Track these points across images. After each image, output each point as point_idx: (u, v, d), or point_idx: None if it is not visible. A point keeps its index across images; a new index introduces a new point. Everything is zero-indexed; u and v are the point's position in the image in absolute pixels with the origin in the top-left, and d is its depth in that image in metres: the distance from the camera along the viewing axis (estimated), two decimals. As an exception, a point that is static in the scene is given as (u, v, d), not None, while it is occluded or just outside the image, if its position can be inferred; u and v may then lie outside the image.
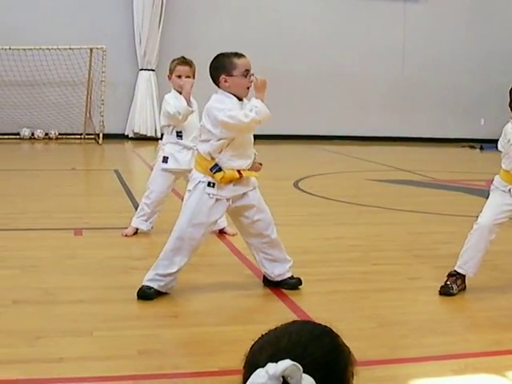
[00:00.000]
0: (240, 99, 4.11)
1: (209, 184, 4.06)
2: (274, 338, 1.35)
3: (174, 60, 5.63)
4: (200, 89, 5.77)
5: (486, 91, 17.41)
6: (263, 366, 1.26)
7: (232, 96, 4.08)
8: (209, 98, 4.16)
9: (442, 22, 17.00)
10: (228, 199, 4.10)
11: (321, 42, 16.16)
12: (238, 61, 4.06)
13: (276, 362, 1.25)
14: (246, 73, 4.04)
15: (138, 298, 4.06)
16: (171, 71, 5.58)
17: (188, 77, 5.53)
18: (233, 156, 4.05)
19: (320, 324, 1.41)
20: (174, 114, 5.38)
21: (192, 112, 5.45)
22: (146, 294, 4.07)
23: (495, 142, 4.44)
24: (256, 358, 1.31)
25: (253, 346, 1.36)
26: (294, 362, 1.25)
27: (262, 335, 1.38)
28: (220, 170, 4.02)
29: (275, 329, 1.38)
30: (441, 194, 8.90)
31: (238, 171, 4.07)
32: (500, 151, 4.41)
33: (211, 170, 4.03)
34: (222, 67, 4.07)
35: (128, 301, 4.04)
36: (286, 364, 1.24)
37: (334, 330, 1.39)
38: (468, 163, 13.42)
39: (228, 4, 15.54)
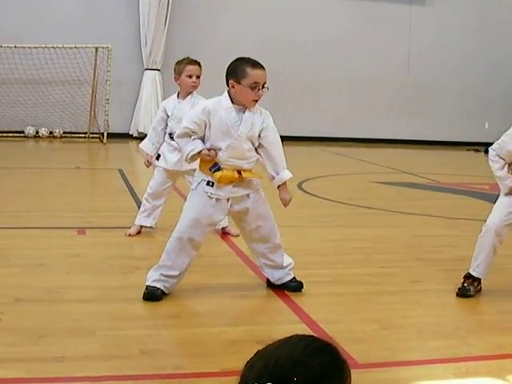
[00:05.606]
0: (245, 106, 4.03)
1: (208, 183, 4.05)
2: (265, 358, 1.37)
3: (180, 61, 5.60)
4: (205, 89, 5.78)
5: (491, 95, 17.41)
6: None
7: (228, 100, 3.99)
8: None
9: (448, 26, 17.00)
10: (228, 200, 4.08)
11: (327, 44, 16.16)
12: (250, 71, 3.92)
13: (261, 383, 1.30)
14: (255, 85, 3.92)
15: (146, 299, 4.04)
16: (179, 72, 5.53)
17: (198, 76, 5.52)
18: (230, 158, 4.02)
19: (318, 339, 1.42)
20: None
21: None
22: (155, 295, 4.05)
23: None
24: (246, 376, 1.36)
25: (248, 361, 1.40)
26: None
27: (258, 351, 1.41)
28: (219, 169, 4.01)
29: (272, 344, 1.41)
30: (444, 197, 8.89)
31: (239, 172, 4.05)
32: None
33: (211, 169, 4.03)
34: (233, 72, 3.98)
35: (131, 300, 4.04)
36: None
37: (333, 344, 1.41)
38: (472, 167, 13.40)
39: (234, 5, 15.54)
